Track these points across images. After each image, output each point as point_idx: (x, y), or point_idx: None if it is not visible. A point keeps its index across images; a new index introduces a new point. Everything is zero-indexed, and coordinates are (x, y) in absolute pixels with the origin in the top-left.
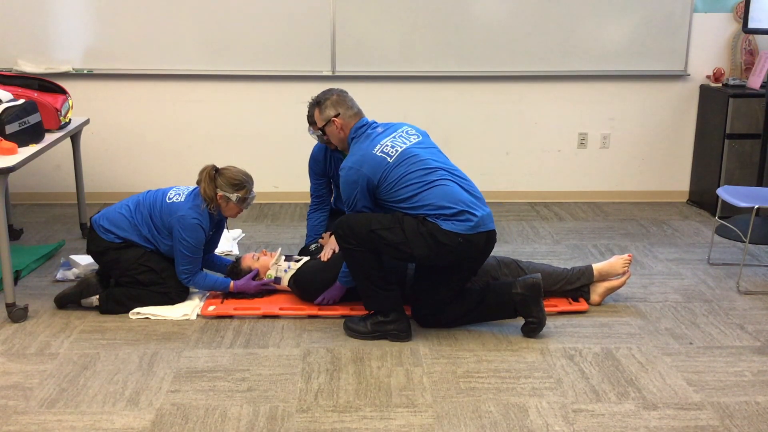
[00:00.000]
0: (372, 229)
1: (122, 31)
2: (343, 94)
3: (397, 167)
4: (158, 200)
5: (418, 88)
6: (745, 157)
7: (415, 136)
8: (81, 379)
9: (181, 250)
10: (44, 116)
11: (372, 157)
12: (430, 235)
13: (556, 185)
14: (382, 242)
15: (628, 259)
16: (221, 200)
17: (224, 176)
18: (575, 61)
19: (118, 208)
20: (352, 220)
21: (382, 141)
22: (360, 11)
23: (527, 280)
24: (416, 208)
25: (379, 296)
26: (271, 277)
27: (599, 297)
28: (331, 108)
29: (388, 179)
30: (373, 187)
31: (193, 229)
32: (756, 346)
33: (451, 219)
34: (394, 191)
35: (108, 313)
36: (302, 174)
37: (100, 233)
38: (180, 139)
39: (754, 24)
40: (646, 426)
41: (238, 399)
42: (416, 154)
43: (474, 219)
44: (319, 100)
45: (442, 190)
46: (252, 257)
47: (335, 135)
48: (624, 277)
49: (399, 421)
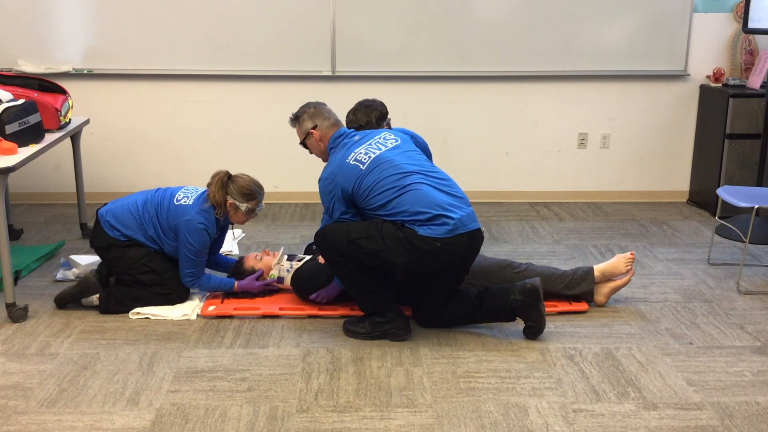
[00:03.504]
0: (351, 239)
1: (122, 31)
2: (320, 106)
3: (370, 174)
4: (166, 200)
5: (418, 88)
6: (745, 157)
7: (392, 140)
8: (81, 379)
9: (186, 254)
10: (44, 116)
11: (345, 166)
12: (408, 241)
13: (556, 185)
14: (361, 251)
15: (630, 258)
16: (230, 207)
17: (236, 184)
18: (575, 61)
19: (125, 204)
20: (330, 231)
21: (356, 149)
22: (360, 11)
23: (525, 285)
24: (393, 215)
25: (371, 300)
26: (274, 277)
27: (604, 297)
28: (309, 121)
29: (362, 187)
30: (348, 196)
31: (199, 234)
32: (756, 346)
33: (426, 224)
34: (369, 198)
35: (108, 313)
36: (302, 174)
37: (105, 229)
38: (180, 139)
39: (754, 24)
40: (646, 426)
41: (238, 399)
42: (389, 159)
43: (450, 222)
44: (297, 114)
45: (416, 195)
46: (255, 257)
47: (315, 147)
48: (628, 275)
49: (399, 421)
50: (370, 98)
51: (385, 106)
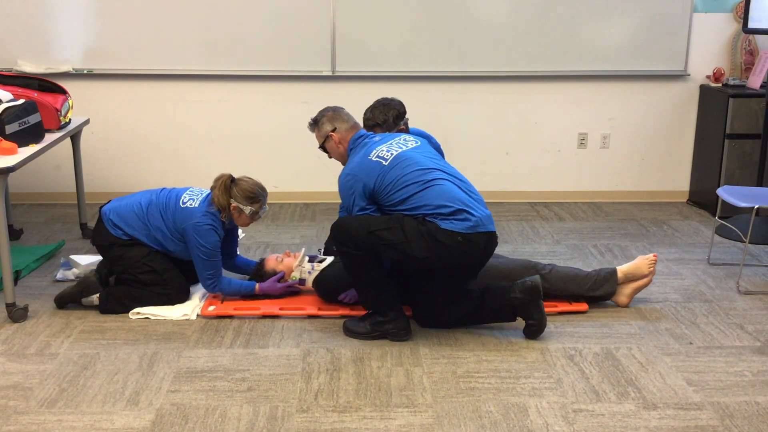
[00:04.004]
0: (371, 230)
1: (122, 31)
2: (338, 109)
3: (393, 170)
4: (171, 202)
5: (418, 88)
6: (745, 157)
7: (413, 142)
8: (81, 379)
9: (200, 256)
10: (44, 116)
11: (368, 162)
12: (430, 235)
13: (556, 185)
14: (381, 243)
15: (653, 259)
16: (234, 211)
17: (240, 187)
18: (575, 61)
19: (129, 203)
20: (349, 222)
21: (378, 147)
22: (360, 11)
23: (525, 283)
24: (415, 209)
25: (376, 297)
26: (296, 279)
27: (627, 298)
28: (328, 124)
29: (384, 182)
30: (370, 192)
31: (208, 234)
32: (756, 346)
33: (449, 218)
34: (391, 194)
35: (108, 313)
36: (302, 174)
37: (108, 227)
38: (180, 139)
39: (754, 24)
40: (646, 426)
41: (238, 399)
42: (411, 157)
43: (472, 218)
44: (316, 119)
45: (440, 189)
46: (276, 259)
47: (334, 150)
48: (650, 276)
49: (399, 421)
50: (389, 97)
51: (403, 105)
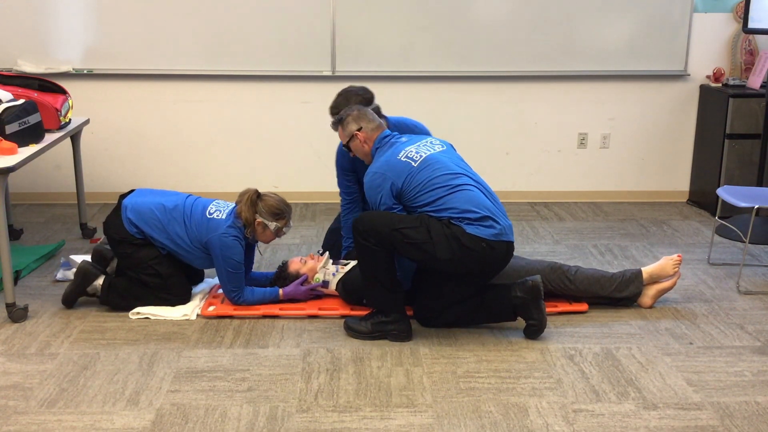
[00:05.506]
0: (396, 227)
1: (122, 31)
2: (363, 109)
3: (422, 172)
4: (197, 211)
5: (418, 88)
6: (745, 157)
7: (439, 145)
8: (81, 379)
9: (227, 269)
10: (44, 116)
11: (397, 162)
12: (455, 237)
13: (556, 185)
14: (405, 241)
15: (678, 260)
16: (259, 226)
17: (266, 203)
18: (575, 61)
19: (153, 204)
20: (376, 217)
21: (407, 147)
22: (360, 11)
23: (527, 282)
24: (441, 211)
25: (384, 296)
26: (319, 281)
27: (651, 300)
28: (353, 123)
29: (412, 183)
30: (397, 191)
31: (234, 246)
32: (756, 346)
33: (475, 224)
34: (419, 195)
35: (108, 304)
36: (302, 174)
37: (125, 223)
38: (180, 139)
39: (754, 24)
40: (646, 426)
41: (238, 399)
42: (440, 160)
43: (497, 226)
44: (341, 117)
45: (467, 195)
46: (299, 261)
47: (359, 149)
48: (675, 277)
49: (399, 421)
50: (356, 85)
51: (368, 92)
